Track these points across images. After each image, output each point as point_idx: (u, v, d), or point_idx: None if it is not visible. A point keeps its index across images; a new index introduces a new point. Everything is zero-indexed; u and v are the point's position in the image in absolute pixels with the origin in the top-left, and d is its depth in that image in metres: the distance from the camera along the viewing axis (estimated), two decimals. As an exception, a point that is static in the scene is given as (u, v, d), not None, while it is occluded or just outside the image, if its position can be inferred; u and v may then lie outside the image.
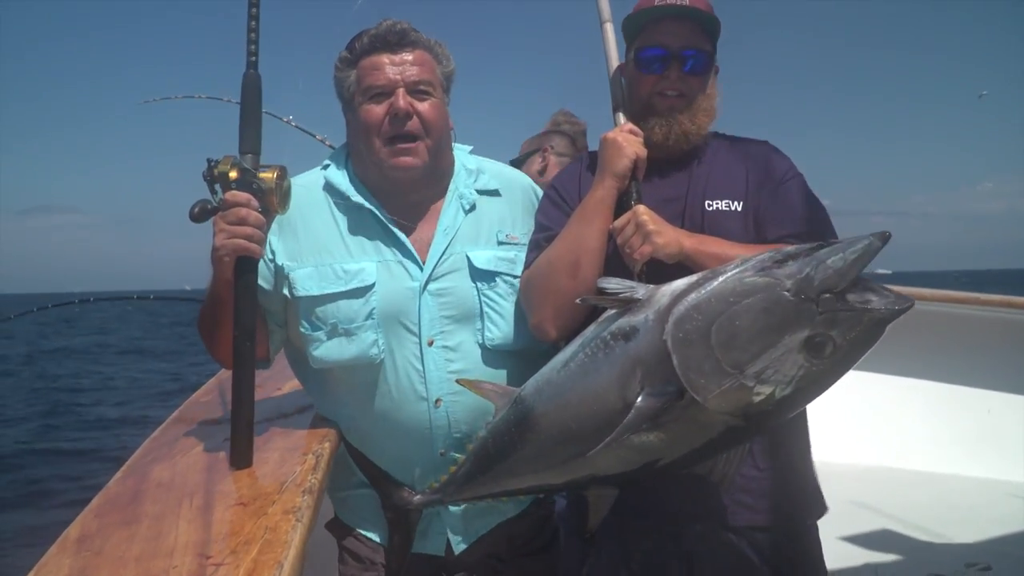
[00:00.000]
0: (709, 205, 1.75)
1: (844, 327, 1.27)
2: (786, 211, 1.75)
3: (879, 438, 4.90)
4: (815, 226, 1.75)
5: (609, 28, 1.90)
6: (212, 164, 1.60)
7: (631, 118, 1.83)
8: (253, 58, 1.65)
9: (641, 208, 1.68)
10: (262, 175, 1.63)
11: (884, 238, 1.26)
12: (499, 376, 1.83)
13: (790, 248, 1.34)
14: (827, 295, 1.26)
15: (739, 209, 1.74)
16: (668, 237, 1.64)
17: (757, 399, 1.31)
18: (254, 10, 1.63)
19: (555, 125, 3.65)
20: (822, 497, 1.79)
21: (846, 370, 1.33)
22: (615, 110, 1.86)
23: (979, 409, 4.95)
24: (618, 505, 1.60)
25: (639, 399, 1.38)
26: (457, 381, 1.77)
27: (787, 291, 1.28)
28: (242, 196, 1.60)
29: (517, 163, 3.20)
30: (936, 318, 4.42)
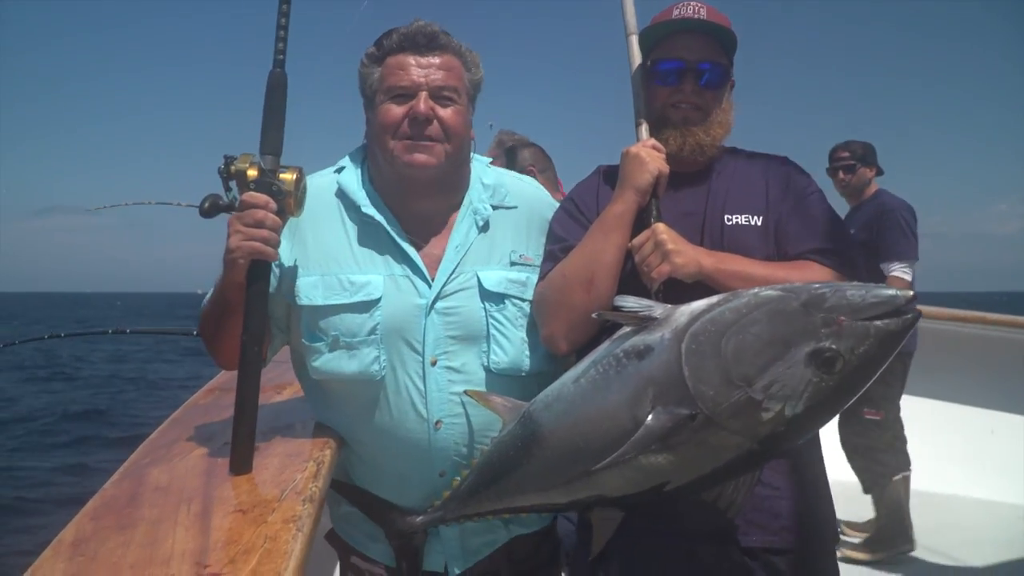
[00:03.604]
0: (728, 219, 1.72)
1: (852, 341, 1.25)
2: (808, 226, 1.72)
3: None
4: (837, 242, 1.73)
5: (634, 40, 1.89)
6: (229, 160, 1.55)
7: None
8: (281, 56, 1.60)
9: (661, 226, 1.66)
10: (282, 176, 1.58)
11: (910, 300, 1.26)
12: None
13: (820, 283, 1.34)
14: (834, 314, 1.25)
15: (759, 224, 1.72)
16: (687, 256, 1.62)
17: (767, 416, 1.29)
18: (284, 6, 1.58)
19: (500, 144, 3.61)
20: (836, 522, 1.76)
21: (859, 389, 1.31)
22: (638, 124, 1.84)
23: (982, 429, 4.91)
24: (629, 522, 1.57)
25: (649, 417, 1.35)
26: (466, 392, 1.72)
27: (796, 304, 1.28)
28: (260, 198, 1.55)
29: None
30: (942, 336, 4.39)
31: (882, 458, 4.14)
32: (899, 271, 4.10)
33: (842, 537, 4.21)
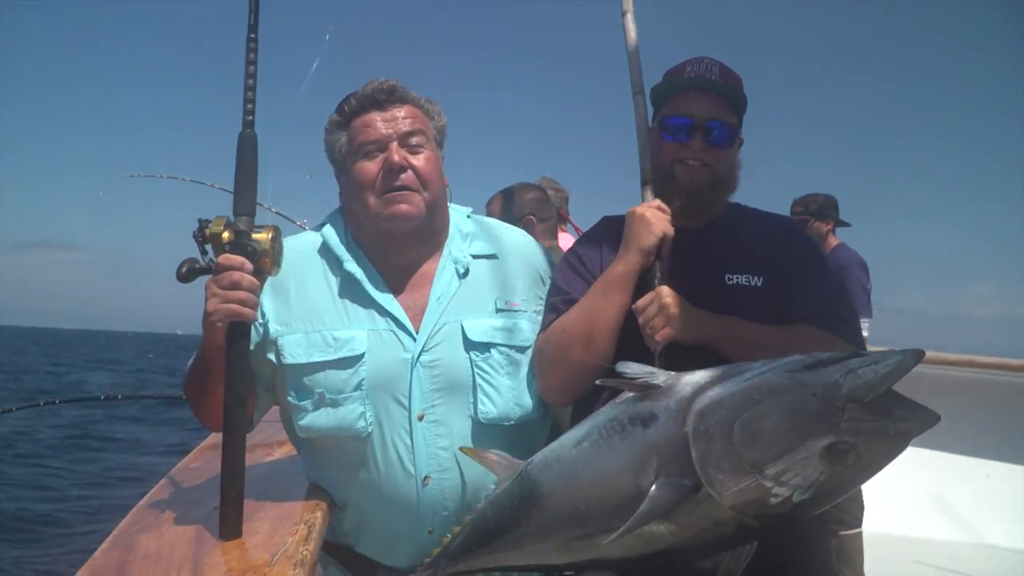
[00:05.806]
0: (729, 279, 1.74)
1: (868, 437, 1.25)
2: (808, 290, 1.74)
3: (871, 503, 4.85)
4: (837, 307, 1.75)
5: (641, 100, 1.91)
6: (204, 224, 1.55)
7: (652, 184, 1.83)
8: (250, 117, 1.61)
9: (665, 290, 1.68)
10: (256, 236, 1.57)
11: (917, 356, 1.25)
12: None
13: (822, 354, 1.32)
14: (853, 404, 1.25)
15: (759, 284, 1.74)
16: (691, 321, 1.64)
17: (774, 501, 1.29)
18: (252, 68, 1.59)
19: (536, 189, 3.64)
20: None
21: (865, 480, 1.31)
22: (643, 184, 1.85)
23: (978, 475, 4.90)
24: None
25: (653, 488, 1.34)
26: (460, 449, 1.72)
27: (814, 395, 1.27)
28: (236, 259, 1.54)
29: None
30: (935, 382, 4.41)
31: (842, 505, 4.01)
32: None
33: None
